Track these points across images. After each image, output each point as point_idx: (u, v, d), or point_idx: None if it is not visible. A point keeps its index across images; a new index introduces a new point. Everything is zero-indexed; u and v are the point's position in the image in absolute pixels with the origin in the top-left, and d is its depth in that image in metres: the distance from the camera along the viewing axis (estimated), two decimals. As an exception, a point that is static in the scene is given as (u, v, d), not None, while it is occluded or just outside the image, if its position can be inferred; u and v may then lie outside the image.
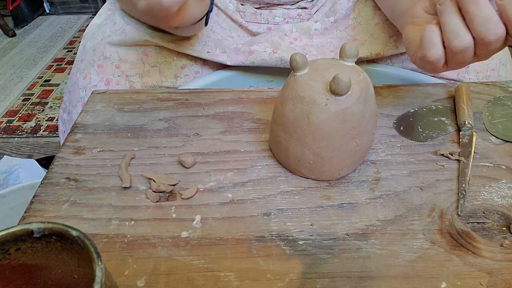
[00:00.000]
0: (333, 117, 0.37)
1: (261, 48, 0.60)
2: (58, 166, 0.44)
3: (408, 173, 0.42)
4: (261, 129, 0.48)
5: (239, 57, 0.61)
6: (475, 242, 0.35)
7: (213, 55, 0.61)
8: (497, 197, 0.40)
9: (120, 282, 0.33)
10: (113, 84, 0.59)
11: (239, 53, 0.61)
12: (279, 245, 0.35)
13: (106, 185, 0.42)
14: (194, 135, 0.48)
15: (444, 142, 0.46)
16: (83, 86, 0.59)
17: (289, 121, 0.39)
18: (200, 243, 0.36)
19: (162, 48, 0.61)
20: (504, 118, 0.49)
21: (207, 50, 0.61)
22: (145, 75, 0.60)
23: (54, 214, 0.39)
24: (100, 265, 0.21)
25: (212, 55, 0.61)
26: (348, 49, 0.39)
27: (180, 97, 0.54)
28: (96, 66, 0.60)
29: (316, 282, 0.33)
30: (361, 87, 0.38)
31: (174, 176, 0.42)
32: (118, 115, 0.51)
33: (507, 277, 0.33)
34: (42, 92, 1.75)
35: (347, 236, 0.36)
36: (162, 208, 0.39)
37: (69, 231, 0.23)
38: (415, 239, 0.36)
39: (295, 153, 0.40)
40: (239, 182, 0.42)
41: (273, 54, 0.60)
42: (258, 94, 0.54)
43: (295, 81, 0.39)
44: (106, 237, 0.36)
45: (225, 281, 0.33)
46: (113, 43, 0.60)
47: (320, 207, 0.39)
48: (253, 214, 0.38)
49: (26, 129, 1.52)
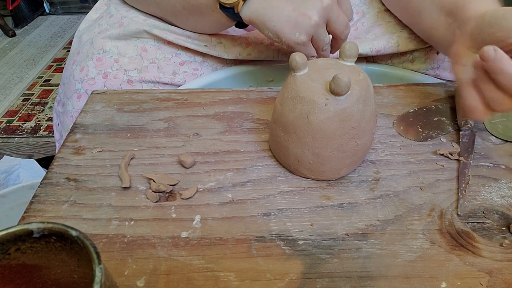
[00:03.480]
0: (333, 117, 0.37)
1: (258, 40, 0.60)
2: (58, 166, 0.44)
3: (408, 173, 0.42)
4: (261, 129, 0.48)
5: (236, 49, 0.61)
6: (475, 242, 0.35)
7: (210, 48, 0.61)
8: (497, 197, 0.39)
9: (120, 282, 0.33)
10: (111, 78, 0.59)
11: (236, 45, 0.61)
12: (279, 245, 0.35)
13: (105, 185, 0.42)
14: (194, 135, 0.48)
15: (444, 142, 0.46)
16: (80, 78, 0.59)
17: (289, 121, 0.39)
18: (200, 243, 0.36)
19: (161, 44, 0.61)
20: (504, 118, 0.49)
21: (204, 43, 0.60)
22: (143, 70, 0.60)
23: (53, 214, 0.39)
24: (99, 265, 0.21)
25: (209, 48, 0.61)
26: (348, 49, 0.39)
27: (180, 97, 0.54)
28: (95, 59, 0.60)
29: (316, 282, 0.33)
30: (361, 87, 0.38)
31: (174, 176, 0.42)
32: (117, 115, 0.51)
33: (507, 277, 0.33)
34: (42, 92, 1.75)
35: (347, 236, 0.36)
36: (161, 208, 0.39)
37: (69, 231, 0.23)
38: (415, 239, 0.36)
39: (295, 153, 0.40)
40: (239, 182, 0.42)
41: (270, 46, 0.60)
42: (258, 94, 0.54)
43: (294, 81, 0.39)
44: (106, 237, 0.36)
45: (225, 281, 0.33)
46: (112, 37, 0.60)
47: (320, 207, 0.39)
48: (253, 214, 0.38)
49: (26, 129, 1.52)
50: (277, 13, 0.48)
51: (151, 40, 0.62)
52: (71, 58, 0.64)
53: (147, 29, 0.60)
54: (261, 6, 0.48)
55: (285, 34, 0.48)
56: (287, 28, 0.48)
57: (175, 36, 0.60)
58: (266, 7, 0.48)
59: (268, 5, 0.48)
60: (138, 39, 0.61)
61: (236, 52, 0.61)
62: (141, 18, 0.62)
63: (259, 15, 0.49)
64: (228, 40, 0.61)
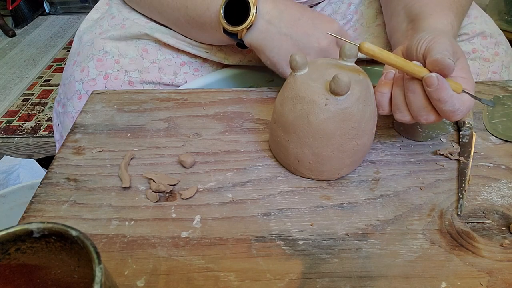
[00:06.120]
0: (333, 117, 0.37)
1: None
2: (58, 166, 0.44)
3: (408, 173, 0.42)
4: (261, 129, 0.48)
5: (237, 56, 0.61)
6: (475, 242, 0.35)
7: (211, 54, 0.61)
8: (497, 197, 0.39)
9: (120, 282, 0.33)
10: (111, 79, 0.59)
11: (237, 52, 0.61)
12: (279, 245, 0.35)
13: (105, 185, 0.42)
14: (194, 135, 0.48)
15: (444, 142, 0.46)
16: (80, 79, 0.59)
17: (289, 121, 0.39)
18: (200, 243, 0.36)
19: (162, 45, 0.61)
20: (504, 118, 0.49)
21: (205, 50, 0.61)
22: (144, 71, 0.60)
23: (53, 214, 0.39)
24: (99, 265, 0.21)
25: (210, 54, 0.61)
26: (347, 49, 0.39)
27: (180, 97, 0.54)
28: (95, 60, 0.60)
29: (316, 282, 0.33)
30: (361, 87, 0.38)
31: (174, 176, 0.42)
32: (117, 115, 0.51)
33: (507, 277, 0.33)
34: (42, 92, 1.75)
35: (347, 236, 0.36)
36: (161, 208, 0.39)
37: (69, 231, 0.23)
38: (415, 239, 0.36)
39: (295, 153, 0.40)
40: (239, 182, 0.42)
41: None
42: (258, 94, 0.54)
43: (294, 81, 0.39)
44: (106, 237, 0.36)
45: (225, 281, 0.33)
46: (113, 38, 0.60)
47: (320, 207, 0.39)
48: (253, 214, 0.38)
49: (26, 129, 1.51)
50: (277, 45, 0.51)
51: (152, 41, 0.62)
52: (71, 59, 0.64)
53: (148, 32, 0.59)
54: (263, 37, 0.50)
55: (282, 67, 0.52)
56: (284, 62, 0.51)
57: (176, 41, 0.60)
58: (267, 38, 0.50)
59: (270, 36, 0.50)
60: (139, 40, 0.61)
61: (237, 58, 0.61)
62: (143, 20, 0.62)
63: (261, 44, 0.51)
64: (229, 47, 0.61)
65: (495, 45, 0.61)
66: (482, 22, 0.62)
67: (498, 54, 0.60)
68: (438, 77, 0.37)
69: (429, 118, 0.39)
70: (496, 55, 0.60)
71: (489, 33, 0.61)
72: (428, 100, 0.39)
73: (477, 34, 0.61)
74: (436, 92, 0.37)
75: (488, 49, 0.60)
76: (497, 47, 0.61)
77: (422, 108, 0.39)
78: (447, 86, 0.37)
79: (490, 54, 0.60)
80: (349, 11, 0.66)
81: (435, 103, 0.38)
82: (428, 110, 0.39)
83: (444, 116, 0.39)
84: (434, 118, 0.39)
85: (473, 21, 0.62)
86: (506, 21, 1.54)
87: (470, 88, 0.40)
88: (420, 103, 0.39)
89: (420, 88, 0.38)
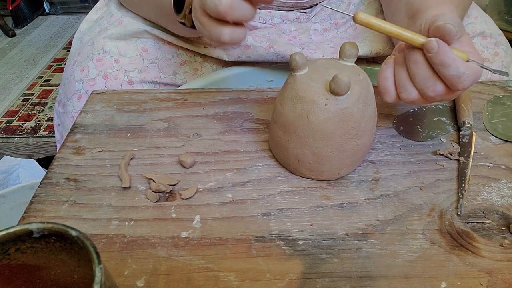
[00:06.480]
0: (333, 117, 0.37)
1: (257, 42, 0.60)
2: (58, 166, 0.44)
3: (408, 173, 0.42)
4: (261, 129, 0.48)
5: (236, 51, 0.61)
6: (475, 242, 0.35)
7: (210, 50, 0.61)
8: (497, 197, 0.39)
9: (120, 282, 0.33)
10: (111, 78, 0.59)
11: (235, 47, 0.61)
12: (279, 245, 0.35)
13: (105, 185, 0.41)
14: (193, 135, 0.48)
15: (444, 142, 0.46)
16: (80, 79, 0.59)
17: (289, 121, 0.39)
18: (199, 243, 0.36)
19: (161, 44, 0.61)
20: (503, 118, 0.49)
21: (204, 45, 0.61)
22: (143, 70, 0.60)
23: (53, 214, 0.39)
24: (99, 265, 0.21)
25: (209, 50, 0.61)
26: (347, 49, 0.39)
27: (179, 97, 0.54)
28: (95, 60, 0.60)
29: (316, 282, 0.33)
30: (361, 87, 0.38)
31: (174, 176, 0.42)
32: (117, 115, 0.51)
33: (507, 277, 0.33)
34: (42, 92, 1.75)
35: (347, 236, 0.36)
36: (161, 208, 0.39)
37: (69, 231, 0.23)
38: (415, 239, 0.36)
39: (295, 153, 0.40)
40: (239, 182, 0.42)
41: (269, 48, 0.60)
42: (258, 94, 0.54)
43: (294, 81, 0.39)
44: (106, 237, 0.36)
45: (225, 281, 0.33)
46: (112, 37, 0.60)
47: (320, 207, 0.39)
48: (252, 214, 0.38)
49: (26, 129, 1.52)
50: None
51: (152, 40, 0.62)
52: (71, 59, 0.64)
53: (148, 29, 0.60)
54: None
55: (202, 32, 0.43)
56: None
57: (175, 38, 0.60)
58: None
59: None
60: (138, 39, 0.61)
61: (236, 54, 0.61)
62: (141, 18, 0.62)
63: None
64: None
65: (495, 45, 0.61)
66: (482, 22, 0.62)
67: (498, 54, 0.60)
68: (438, 41, 0.36)
69: (436, 89, 0.38)
70: (496, 55, 0.60)
71: (489, 33, 0.61)
72: (432, 69, 0.37)
73: (477, 34, 0.61)
74: (437, 56, 0.36)
75: (488, 49, 0.60)
76: (497, 47, 0.61)
77: (427, 78, 0.37)
78: (449, 49, 0.36)
79: (490, 54, 0.60)
80: (348, 10, 0.66)
81: (438, 69, 0.37)
82: (434, 79, 0.37)
83: (450, 84, 0.37)
84: (442, 88, 0.38)
85: (473, 21, 0.62)
86: (506, 21, 1.54)
87: (477, 60, 0.38)
88: (424, 73, 0.37)
89: (422, 57, 0.37)
